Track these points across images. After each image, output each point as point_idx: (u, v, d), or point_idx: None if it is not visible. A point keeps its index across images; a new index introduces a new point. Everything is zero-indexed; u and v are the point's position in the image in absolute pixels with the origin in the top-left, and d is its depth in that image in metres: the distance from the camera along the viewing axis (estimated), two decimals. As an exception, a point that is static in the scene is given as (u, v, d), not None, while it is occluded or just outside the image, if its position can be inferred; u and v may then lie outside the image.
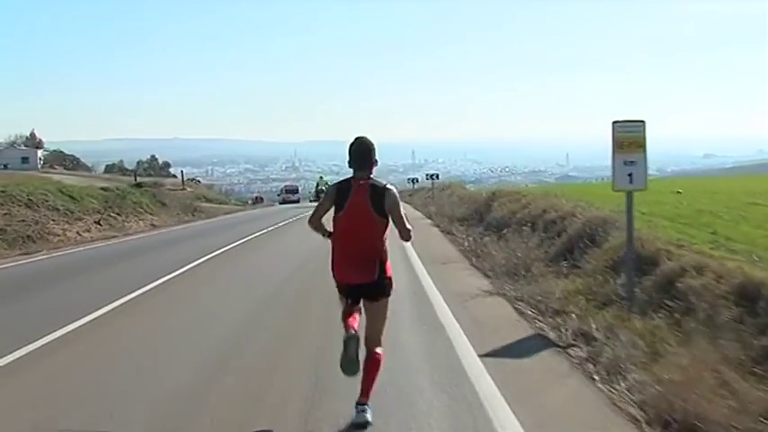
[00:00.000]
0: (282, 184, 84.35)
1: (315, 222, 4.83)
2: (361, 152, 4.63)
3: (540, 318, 7.41)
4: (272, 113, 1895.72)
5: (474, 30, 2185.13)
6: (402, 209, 4.64)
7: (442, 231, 18.01)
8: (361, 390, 4.46)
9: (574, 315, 7.49)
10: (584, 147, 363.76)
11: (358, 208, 4.48)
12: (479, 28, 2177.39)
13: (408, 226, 4.61)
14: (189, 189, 47.89)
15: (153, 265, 13.26)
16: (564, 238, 11.81)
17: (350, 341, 4.38)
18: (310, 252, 13.28)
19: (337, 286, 4.66)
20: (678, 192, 18.53)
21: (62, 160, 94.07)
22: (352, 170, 4.67)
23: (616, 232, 10.62)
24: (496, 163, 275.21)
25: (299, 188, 71.97)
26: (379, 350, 4.60)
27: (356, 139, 4.71)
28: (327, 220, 4.72)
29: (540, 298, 8.20)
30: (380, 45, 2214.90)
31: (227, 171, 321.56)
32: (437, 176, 36.38)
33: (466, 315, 7.30)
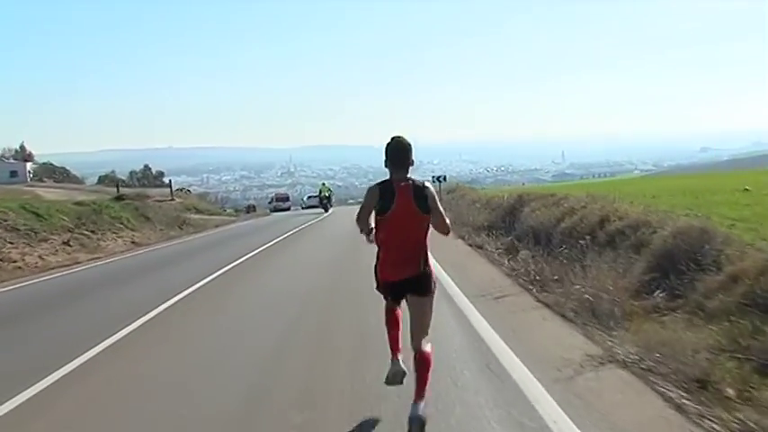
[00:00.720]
0: (275, 192, 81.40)
1: (364, 221, 4.69)
2: (399, 152, 4.58)
3: (702, 409, 4.39)
4: (266, 120, 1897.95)
5: (467, 32, 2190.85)
6: (439, 203, 4.61)
7: (471, 246, 14.89)
8: (416, 392, 4.31)
9: (731, 390, 4.68)
10: (579, 144, 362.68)
11: (405, 209, 4.46)
12: (473, 30, 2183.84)
13: (447, 221, 4.61)
14: (178, 200, 44.13)
15: (92, 319, 9.26)
16: (647, 256, 8.82)
17: (396, 375, 4.58)
18: (322, 288, 10.43)
19: (379, 286, 4.71)
20: (746, 189, 15.44)
21: (51, 173, 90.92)
22: (388, 170, 4.59)
23: (730, 249, 7.72)
24: (492, 163, 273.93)
25: (290, 196, 68.60)
26: (427, 348, 4.47)
27: (393, 138, 4.63)
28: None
29: (669, 362, 5.22)
30: (373, 49, 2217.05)
31: (223, 178, 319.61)
32: (444, 178, 33.19)
33: (593, 419, 4.16)
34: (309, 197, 57.55)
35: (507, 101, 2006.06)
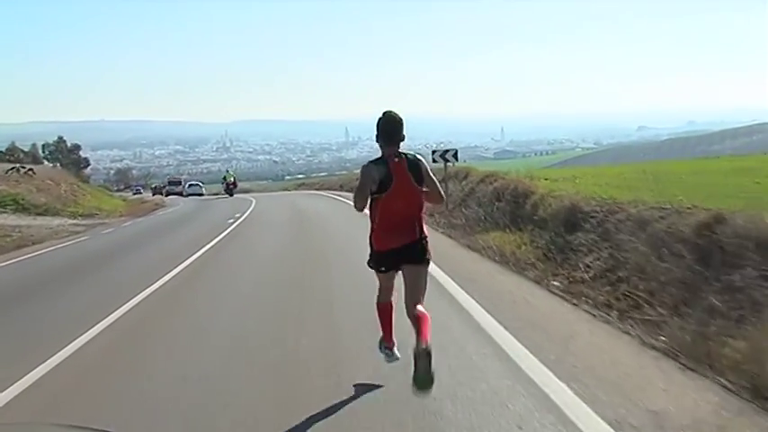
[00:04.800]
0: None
1: (362, 202, 4.38)
2: (392, 127, 4.33)
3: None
4: (201, 94, 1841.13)
5: (405, 6, 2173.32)
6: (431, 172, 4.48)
7: None
8: (419, 335, 3.99)
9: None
10: (519, 121, 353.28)
11: (403, 184, 4.26)
12: (410, 5, 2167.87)
13: (441, 190, 4.51)
14: (-1, 186, 25.44)
15: None
16: None
17: (392, 360, 4.54)
18: None
19: (375, 258, 4.43)
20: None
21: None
22: (380, 146, 4.35)
23: None
24: (430, 139, 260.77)
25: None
26: (421, 308, 4.19)
27: (385, 114, 4.39)
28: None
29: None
30: (311, 22, 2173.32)
31: (156, 153, 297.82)
32: (456, 155, 18.30)
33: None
34: (191, 185, 59.32)
35: (444, 76, 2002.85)
